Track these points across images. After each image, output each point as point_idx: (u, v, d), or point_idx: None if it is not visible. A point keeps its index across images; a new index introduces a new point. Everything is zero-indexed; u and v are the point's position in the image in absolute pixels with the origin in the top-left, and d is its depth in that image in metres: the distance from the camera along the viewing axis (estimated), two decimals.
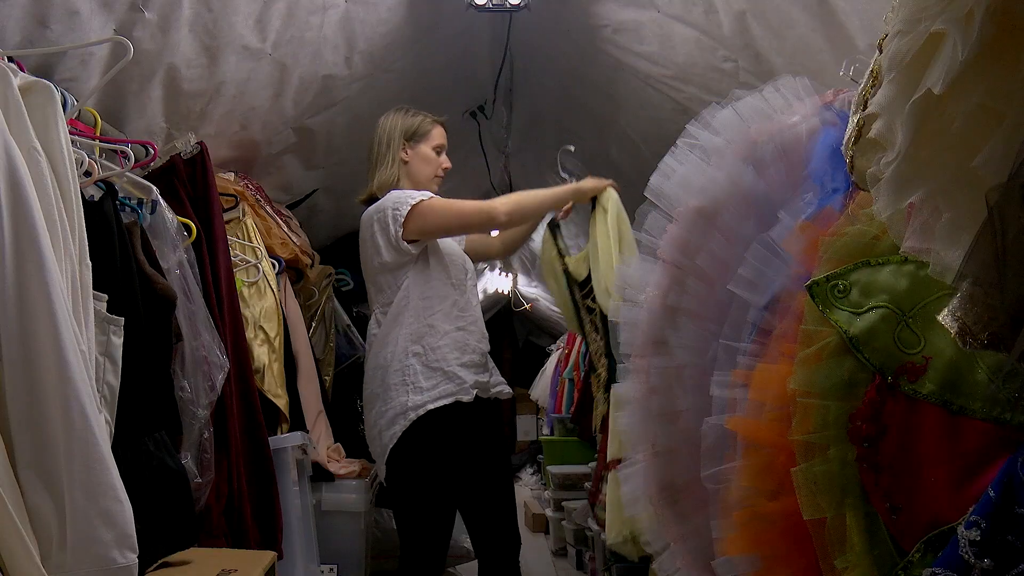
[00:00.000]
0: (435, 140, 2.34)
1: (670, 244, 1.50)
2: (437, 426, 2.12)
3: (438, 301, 2.20)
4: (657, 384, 1.50)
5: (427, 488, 2.15)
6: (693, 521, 1.42)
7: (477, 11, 2.62)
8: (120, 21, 1.77)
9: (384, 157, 2.32)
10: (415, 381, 2.13)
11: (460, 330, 2.20)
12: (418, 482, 2.15)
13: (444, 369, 2.15)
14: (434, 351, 2.16)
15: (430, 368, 2.14)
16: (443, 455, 2.14)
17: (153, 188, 1.83)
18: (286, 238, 2.80)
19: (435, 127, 2.35)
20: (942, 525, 0.92)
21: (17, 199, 1.12)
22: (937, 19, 0.71)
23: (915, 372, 0.99)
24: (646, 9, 2.31)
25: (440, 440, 2.13)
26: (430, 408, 2.11)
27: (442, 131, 2.37)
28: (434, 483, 2.15)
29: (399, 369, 2.14)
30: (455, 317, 2.21)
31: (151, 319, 1.64)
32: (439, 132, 2.36)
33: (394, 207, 2.18)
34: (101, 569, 1.16)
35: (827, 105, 1.39)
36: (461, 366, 2.17)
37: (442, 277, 2.23)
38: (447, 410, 2.13)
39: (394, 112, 2.36)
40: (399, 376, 2.14)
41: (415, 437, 2.11)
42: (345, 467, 2.91)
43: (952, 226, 0.77)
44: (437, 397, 2.13)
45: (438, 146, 2.35)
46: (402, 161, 2.32)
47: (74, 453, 1.14)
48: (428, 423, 2.11)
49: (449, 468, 2.15)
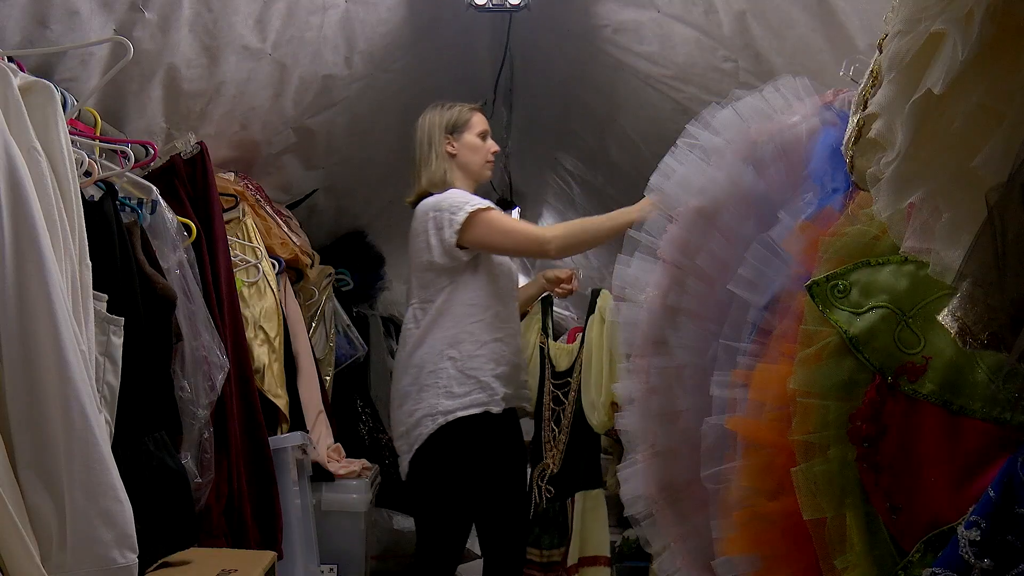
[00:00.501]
0: (477, 127, 2.33)
1: (670, 244, 1.50)
2: (465, 433, 2.13)
3: (480, 310, 2.20)
4: (657, 384, 1.50)
5: (448, 492, 2.16)
6: (693, 521, 1.42)
7: (477, 11, 2.62)
8: (120, 21, 1.76)
9: (428, 155, 2.31)
10: (448, 386, 2.13)
11: (497, 341, 2.21)
12: (439, 485, 2.16)
13: (479, 378, 2.15)
14: (470, 359, 2.16)
15: (464, 375, 2.15)
16: (467, 462, 2.16)
17: (153, 188, 1.83)
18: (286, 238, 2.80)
19: (474, 114, 2.34)
20: (942, 525, 0.92)
21: (17, 199, 1.12)
22: (937, 19, 0.71)
23: (915, 372, 0.99)
24: (646, 9, 2.31)
25: (466, 447, 2.15)
26: (460, 415, 2.13)
27: (481, 117, 2.37)
28: (455, 488, 2.16)
29: (433, 371, 2.15)
30: (495, 328, 2.21)
31: (151, 319, 1.64)
32: (479, 118, 2.35)
33: (452, 210, 2.16)
34: (101, 569, 1.16)
35: (827, 105, 1.39)
36: (495, 377, 2.18)
37: (488, 287, 2.23)
38: (476, 419, 2.14)
39: (430, 110, 2.36)
40: (432, 378, 2.15)
41: (442, 441, 2.12)
42: (345, 467, 2.90)
43: (952, 226, 0.77)
44: (468, 405, 2.14)
45: (481, 132, 2.34)
46: (448, 155, 2.31)
47: (74, 453, 1.14)
48: (457, 429, 2.13)
49: (471, 475, 2.16)
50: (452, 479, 2.16)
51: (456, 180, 2.29)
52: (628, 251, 1.61)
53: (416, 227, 2.24)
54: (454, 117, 2.32)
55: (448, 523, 2.19)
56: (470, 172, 2.32)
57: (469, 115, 2.33)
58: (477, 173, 2.33)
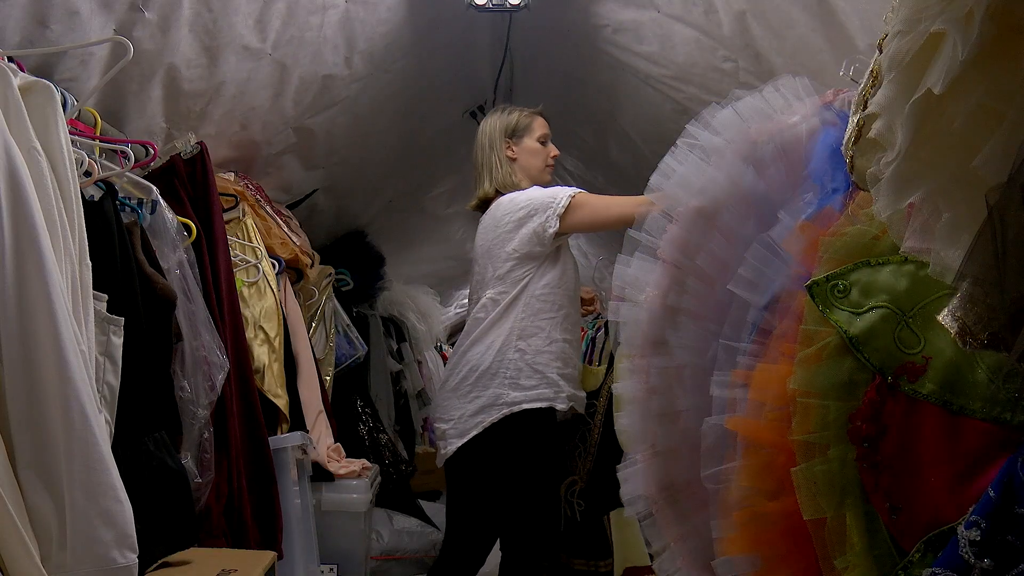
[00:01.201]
0: (537, 131, 2.39)
1: (670, 244, 1.50)
2: (528, 426, 2.16)
3: (554, 308, 2.24)
4: (657, 384, 1.50)
5: (499, 482, 2.20)
6: (693, 521, 1.42)
7: (477, 11, 2.62)
8: (120, 21, 1.76)
9: (491, 160, 2.37)
10: (515, 377, 2.16)
11: (566, 342, 2.25)
12: (492, 474, 2.20)
13: (546, 374, 2.18)
14: (538, 354, 2.19)
15: (532, 368, 2.18)
16: (526, 454, 2.19)
17: (153, 188, 1.83)
18: (286, 238, 2.80)
19: (534, 119, 2.40)
20: (942, 525, 0.92)
21: (17, 199, 1.12)
22: (937, 19, 0.71)
23: (915, 372, 0.99)
24: (646, 9, 2.31)
25: (528, 440, 2.18)
26: (527, 407, 2.15)
27: (543, 121, 2.41)
28: (507, 479, 2.19)
29: (500, 361, 2.18)
30: (565, 329, 2.26)
31: (151, 319, 1.64)
32: (540, 123, 2.40)
33: (550, 198, 2.22)
34: (101, 569, 1.16)
35: (827, 105, 1.39)
36: (561, 376, 2.21)
37: (563, 285, 2.27)
38: (541, 413, 2.17)
39: (491, 115, 2.43)
40: (498, 367, 2.17)
41: (505, 431, 2.16)
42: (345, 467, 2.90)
43: (952, 226, 0.77)
44: (535, 399, 2.17)
45: (542, 136, 2.39)
46: (509, 159, 2.37)
47: (74, 453, 1.14)
48: (521, 421, 2.15)
49: (526, 468, 2.19)
50: (507, 469, 2.19)
51: (521, 182, 2.35)
52: (628, 251, 1.62)
53: (498, 218, 2.28)
54: (514, 122, 2.39)
55: (488, 510, 2.23)
56: (531, 176, 2.37)
57: (529, 120, 2.39)
58: (537, 176, 2.38)
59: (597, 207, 2.21)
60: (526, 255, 2.22)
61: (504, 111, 2.41)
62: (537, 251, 2.22)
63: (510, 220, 2.25)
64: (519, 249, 2.22)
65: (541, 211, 2.21)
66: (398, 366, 4.34)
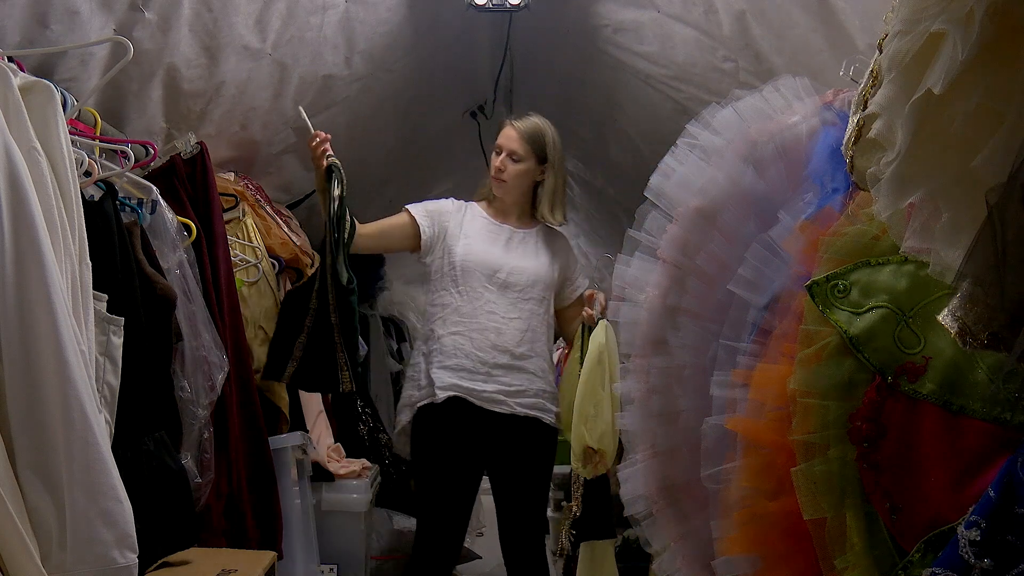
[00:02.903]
0: (498, 142, 2.43)
1: (670, 244, 1.50)
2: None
3: (436, 310, 2.40)
4: (657, 384, 1.51)
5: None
6: (693, 521, 1.42)
7: (477, 11, 2.62)
8: (120, 21, 1.76)
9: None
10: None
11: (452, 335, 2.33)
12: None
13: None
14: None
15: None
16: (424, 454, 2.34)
17: (153, 188, 1.82)
18: (286, 238, 2.80)
19: (502, 129, 2.44)
20: (942, 525, 0.92)
21: (17, 199, 1.12)
22: (937, 19, 0.71)
23: (915, 372, 0.99)
24: (646, 9, 2.31)
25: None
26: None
27: (505, 131, 2.43)
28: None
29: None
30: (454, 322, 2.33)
31: (151, 319, 1.63)
32: (502, 133, 2.43)
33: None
34: (101, 569, 1.16)
35: (827, 105, 1.39)
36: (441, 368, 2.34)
37: (438, 285, 2.44)
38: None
39: (551, 126, 2.49)
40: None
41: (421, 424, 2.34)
42: (345, 467, 2.90)
43: (952, 226, 0.77)
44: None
45: (497, 147, 2.43)
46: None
47: (74, 453, 1.14)
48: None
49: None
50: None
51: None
52: (628, 251, 1.61)
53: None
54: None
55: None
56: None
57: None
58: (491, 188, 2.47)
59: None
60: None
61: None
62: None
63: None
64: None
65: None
66: (398, 366, 4.34)
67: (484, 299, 2.33)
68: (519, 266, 2.37)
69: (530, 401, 2.32)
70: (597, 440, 2.18)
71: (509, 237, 2.42)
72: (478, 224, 2.43)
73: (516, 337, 2.32)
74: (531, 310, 2.36)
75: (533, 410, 2.32)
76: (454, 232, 2.41)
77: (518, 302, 2.35)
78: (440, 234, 2.42)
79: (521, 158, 2.38)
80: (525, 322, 2.34)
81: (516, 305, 2.35)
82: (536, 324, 2.36)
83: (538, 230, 2.47)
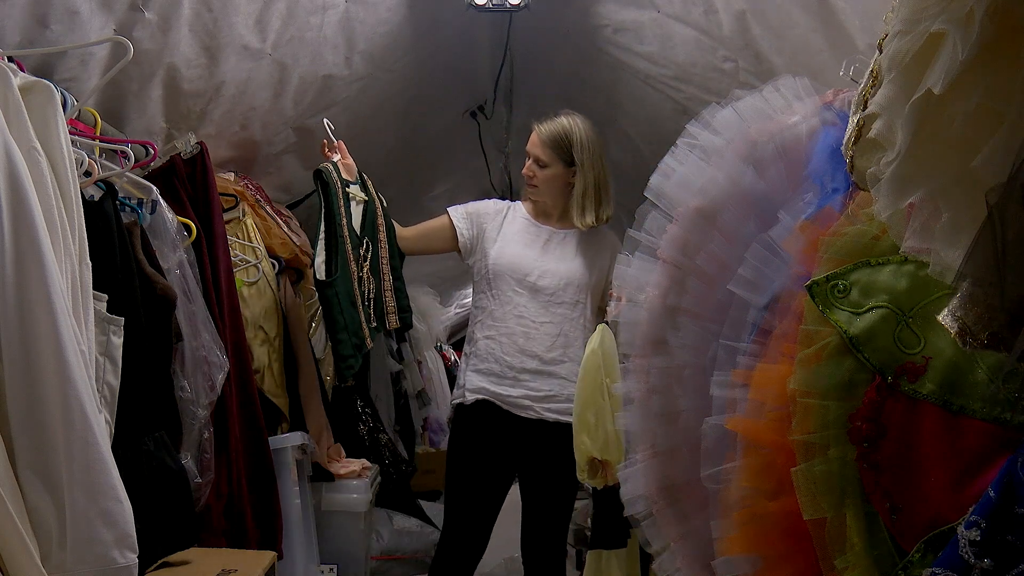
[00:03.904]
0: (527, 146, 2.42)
1: (670, 244, 1.50)
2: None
3: (476, 313, 2.47)
4: (657, 384, 1.50)
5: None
6: (693, 521, 1.42)
7: (477, 11, 2.62)
8: (120, 21, 1.76)
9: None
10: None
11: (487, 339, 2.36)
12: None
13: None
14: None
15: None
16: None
17: (153, 188, 1.82)
18: (286, 238, 2.80)
19: (532, 133, 2.42)
20: (942, 525, 0.92)
21: (17, 199, 1.12)
22: (937, 19, 0.71)
23: (915, 372, 0.99)
24: (646, 9, 2.31)
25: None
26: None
27: (532, 136, 2.40)
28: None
29: None
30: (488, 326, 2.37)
31: (151, 319, 1.64)
32: (530, 139, 2.41)
33: None
34: (101, 569, 1.16)
35: (827, 105, 1.39)
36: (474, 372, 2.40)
37: (479, 289, 2.48)
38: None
39: (592, 127, 2.44)
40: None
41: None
42: (345, 467, 2.90)
43: (952, 226, 0.77)
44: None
45: (527, 152, 2.41)
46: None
47: (74, 453, 1.14)
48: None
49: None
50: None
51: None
52: (628, 251, 1.61)
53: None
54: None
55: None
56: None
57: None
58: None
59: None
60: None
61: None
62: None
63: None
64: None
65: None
66: (398, 366, 4.34)
67: (514, 303, 2.33)
68: (551, 269, 2.35)
69: (561, 407, 2.29)
70: (600, 450, 2.15)
71: (548, 239, 2.40)
72: (518, 225, 2.42)
73: (546, 342, 2.31)
74: (563, 314, 2.33)
75: (565, 415, 2.26)
76: (491, 235, 2.41)
77: (549, 305, 2.33)
78: (479, 236, 2.42)
79: (546, 164, 2.36)
80: (557, 326, 2.32)
81: (547, 309, 2.33)
82: (569, 328, 2.33)
83: (578, 232, 2.41)
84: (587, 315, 2.37)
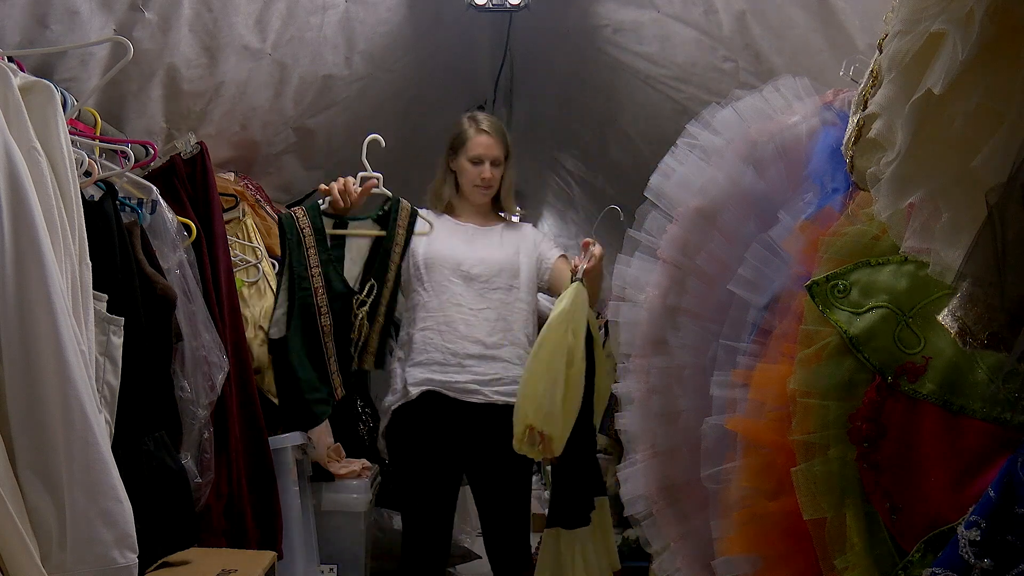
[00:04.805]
0: (471, 151, 2.40)
1: (670, 244, 1.50)
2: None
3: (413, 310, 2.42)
4: (657, 384, 1.51)
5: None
6: (693, 521, 1.42)
7: (477, 11, 2.62)
8: (120, 21, 1.76)
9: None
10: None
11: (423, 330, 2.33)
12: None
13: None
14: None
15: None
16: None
17: (153, 188, 1.82)
18: None
19: (476, 136, 2.40)
20: (942, 525, 0.92)
21: (17, 199, 1.12)
22: (937, 19, 0.71)
23: (915, 372, 0.99)
24: (646, 9, 2.31)
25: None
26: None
27: (481, 139, 2.39)
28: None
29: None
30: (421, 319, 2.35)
31: (151, 319, 1.64)
32: (478, 141, 2.40)
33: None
34: (101, 569, 1.16)
35: (827, 105, 1.39)
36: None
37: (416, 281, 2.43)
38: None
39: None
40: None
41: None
42: (345, 467, 2.90)
43: (952, 226, 0.77)
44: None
45: (475, 157, 2.40)
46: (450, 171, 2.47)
47: (74, 453, 1.14)
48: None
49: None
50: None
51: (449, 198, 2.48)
52: (628, 251, 1.61)
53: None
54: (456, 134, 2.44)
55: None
56: (461, 192, 2.46)
57: (469, 136, 2.41)
58: (468, 195, 2.46)
59: None
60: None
61: (459, 120, 2.44)
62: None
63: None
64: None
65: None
66: None
67: (450, 292, 2.33)
68: (483, 257, 2.37)
69: (508, 388, 2.27)
70: (542, 421, 2.07)
71: (473, 234, 2.43)
72: (441, 225, 2.45)
73: (486, 327, 2.31)
74: (500, 299, 2.34)
75: (513, 397, 2.22)
76: (417, 239, 2.43)
77: (485, 292, 2.34)
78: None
79: (501, 162, 2.42)
80: (495, 311, 2.33)
81: (483, 296, 2.34)
82: (507, 313, 2.34)
83: (500, 227, 2.48)
84: (525, 299, 2.39)
